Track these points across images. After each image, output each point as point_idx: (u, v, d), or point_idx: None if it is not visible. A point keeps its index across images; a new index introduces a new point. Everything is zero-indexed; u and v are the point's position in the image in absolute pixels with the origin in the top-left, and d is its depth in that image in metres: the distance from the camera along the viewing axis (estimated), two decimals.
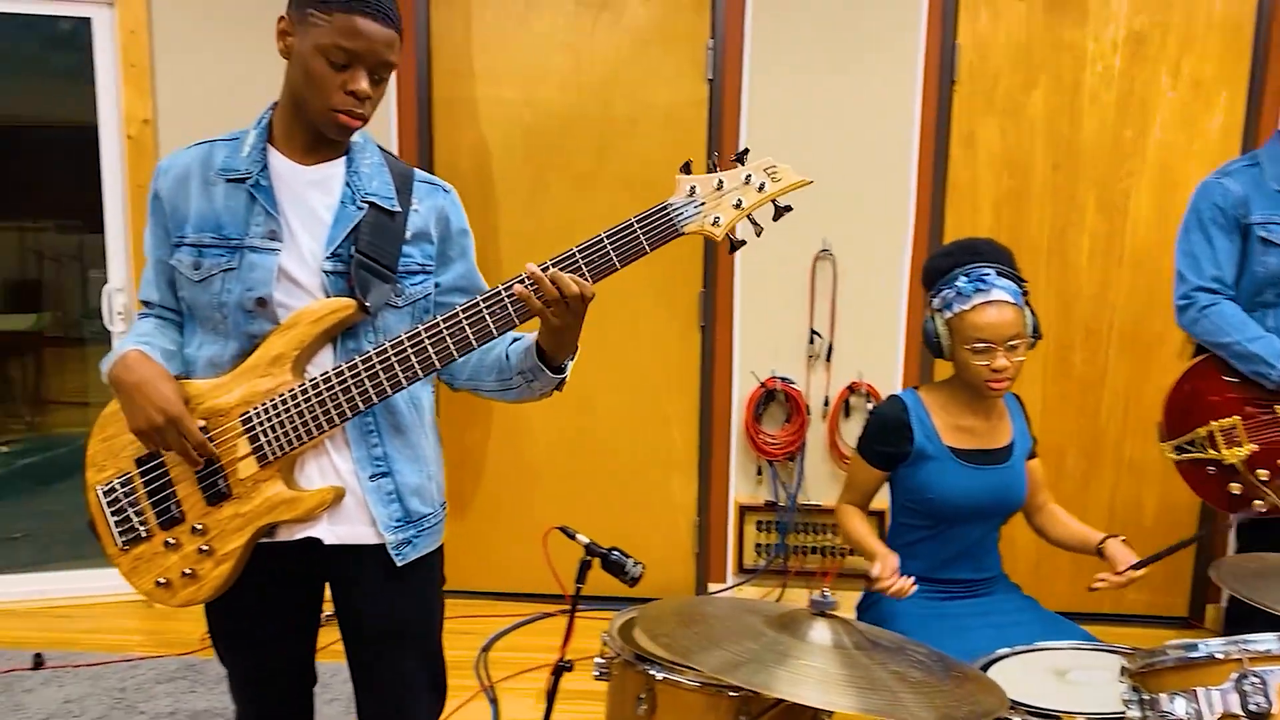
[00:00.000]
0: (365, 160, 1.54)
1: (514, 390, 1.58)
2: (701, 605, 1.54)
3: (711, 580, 3.63)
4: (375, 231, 1.50)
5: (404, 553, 1.55)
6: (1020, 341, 1.99)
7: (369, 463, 1.52)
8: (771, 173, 1.43)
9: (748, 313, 3.47)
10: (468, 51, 3.40)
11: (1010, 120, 3.33)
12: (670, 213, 1.42)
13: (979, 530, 2.10)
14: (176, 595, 1.51)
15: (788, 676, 1.29)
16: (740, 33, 3.33)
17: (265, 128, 1.52)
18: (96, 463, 1.54)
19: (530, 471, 3.62)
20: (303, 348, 1.46)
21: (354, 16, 1.38)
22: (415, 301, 1.56)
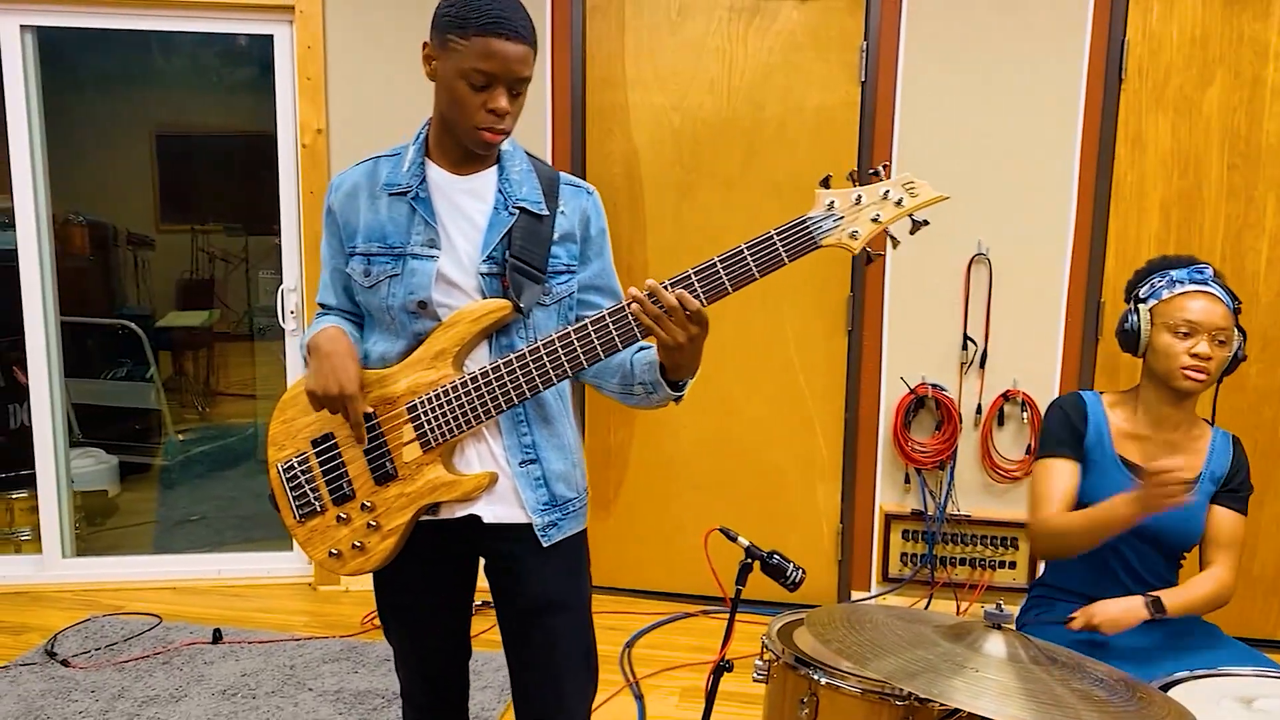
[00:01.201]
0: (515, 167, 1.64)
1: (634, 397, 1.67)
2: (868, 612, 1.53)
3: (855, 588, 3.59)
4: (526, 235, 1.59)
5: (550, 534, 1.66)
6: (1226, 340, 1.92)
7: (519, 450, 1.63)
8: (909, 188, 1.46)
9: (898, 317, 3.41)
10: (620, 59, 3.47)
11: (1182, 118, 3.17)
12: (809, 226, 1.47)
13: (1144, 554, 2.01)
14: (346, 565, 1.65)
15: (965, 687, 1.27)
16: (895, 33, 3.28)
17: (423, 143, 1.63)
18: (277, 442, 1.68)
19: (673, 472, 3.66)
20: (462, 344, 1.57)
21: (489, 39, 1.46)
22: (561, 299, 1.66)
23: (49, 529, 3.73)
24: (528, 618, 1.70)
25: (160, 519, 4.54)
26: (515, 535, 1.64)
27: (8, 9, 3.42)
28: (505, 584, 1.70)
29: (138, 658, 3.11)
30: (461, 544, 1.68)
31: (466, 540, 1.67)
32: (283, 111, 3.54)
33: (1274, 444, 3.25)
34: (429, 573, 1.70)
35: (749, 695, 2.78)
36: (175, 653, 3.15)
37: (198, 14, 3.46)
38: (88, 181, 5.96)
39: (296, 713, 2.79)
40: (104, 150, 6.02)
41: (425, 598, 1.73)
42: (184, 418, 5.81)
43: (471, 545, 1.69)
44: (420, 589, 1.72)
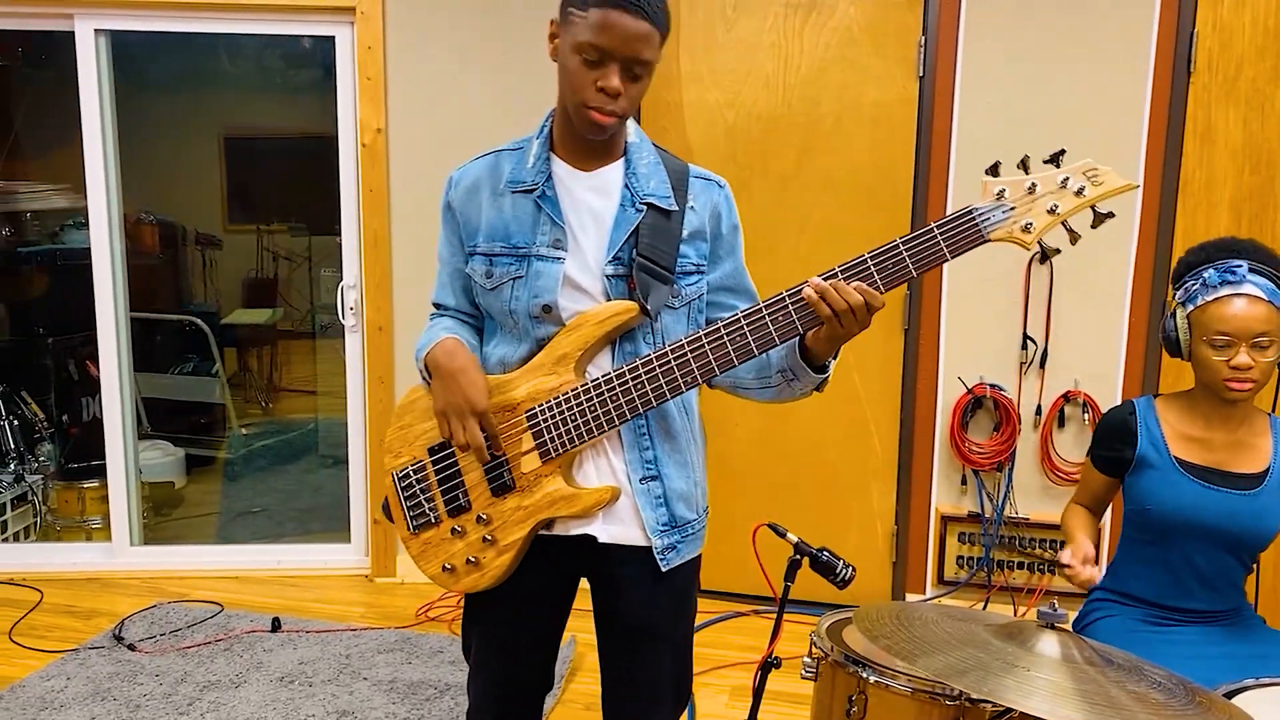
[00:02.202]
0: (643, 160, 1.55)
1: (772, 389, 1.56)
2: (918, 610, 1.51)
3: (909, 590, 3.54)
4: (654, 233, 1.50)
5: (669, 558, 1.57)
6: (1271, 342, 1.84)
7: (640, 465, 1.54)
8: (1092, 176, 1.35)
9: (955, 317, 3.36)
10: (675, 56, 3.47)
11: (1254, 111, 3.08)
12: (976, 218, 1.36)
13: (1213, 557, 1.94)
14: (460, 581, 1.57)
15: (1017, 686, 1.25)
16: (955, 27, 3.23)
17: (547, 135, 1.55)
18: (394, 449, 1.61)
19: (727, 471, 3.64)
20: (585, 348, 1.49)
21: (608, 10, 1.38)
22: (691, 302, 1.57)
23: (118, 518, 3.84)
24: (631, 643, 1.62)
25: (223, 510, 4.66)
26: (630, 557, 1.56)
27: (84, 14, 3.54)
28: (612, 606, 1.62)
29: (200, 644, 3.19)
30: (570, 562, 1.60)
31: (576, 558, 1.59)
32: (343, 111, 3.60)
33: None
34: (527, 590, 1.61)
35: (797, 695, 2.76)
36: (236, 640, 3.23)
37: (262, 16, 3.55)
38: (159, 182, 6.14)
39: (351, 701, 2.83)
40: (175, 152, 6.20)
41: (517, 616, 1.64)
42: (247, 412, 5.95)
43: (580, 564, 1.61)
44: (514, 606, 1.62)
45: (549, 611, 1.67)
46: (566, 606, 1.69)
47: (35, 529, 4.13)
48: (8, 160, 5.10)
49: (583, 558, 1.58)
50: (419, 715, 2.75)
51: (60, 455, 4.43)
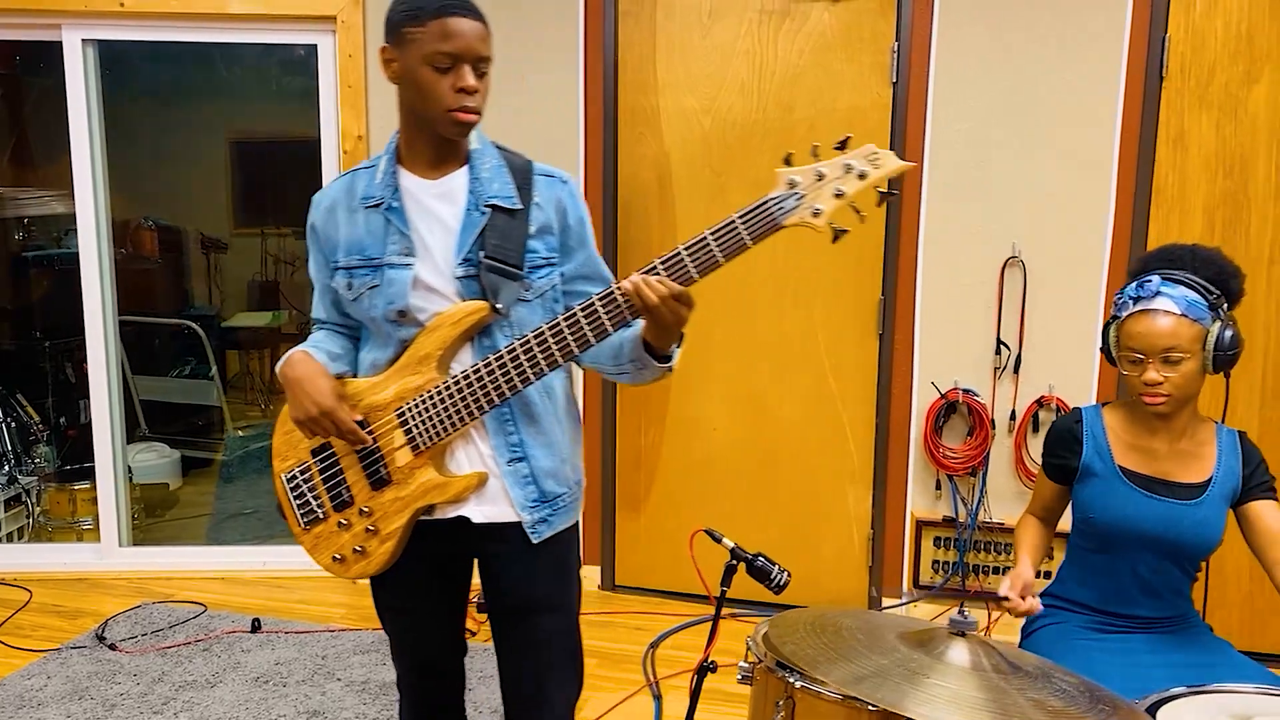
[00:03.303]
0: (485, 164, 1.66)
1: (627, 374, 1.68)
2: (839, 617, 1.53)
3: (885, 595, 3.55)
4: (500, 233, 1.61)
5: (539, 530, 1.69)
6: (1182, 357, 1.84)
7: (506, 449, 1.65)
8: (873, 159, 1.45)
9: (929, 321, 3.37)
10: (652, 62, 3.49)
11: (1227, 116, 3.07)
12: (769, 206, 1.46)
13: (1156, 565, 1.94)
14: (350, 569, 1.70)
15: (916, 695, 1.27)
16: (927, 33, 3.24)
17: (394, 152, 1.67)
18: (280, 453, 1.73)
19: (704, 473, 3.66)
20: (445, 347, 1.60)
21: (446, 19, 1.50)
22: (544, 293, 1.68)
23: (106, 519, 3.91)
24: (515, 616, 1.73)
25: (216, 512, 4.72)
26: (504, 534, 1.68)
27: (71, 24, 3.60)
28: (495, 582, 1.74)
29: (180, 644, 3.24)
30: (454, 544, 1.71)
31: (459, 541, 1.70)
32: (326, 119, 3.65)
33: None
34: (424, 572, 1.74)
35: None
36: (215, 640, 3.28)
37: (245, 26, 3.60)
38: (168, 188, 6.24)
39: (323, 701, 2.87)
40: (184, 158, 6.30)
41: (420, 595, 1.77)
42: (247, 415, 6.02)
43: (464, 545, 1.72)
44: (415, 587, 1.76)
45: (446, 591, 1.79)
46: (464, 583, 1.81)
47: (29, 530, 4.20)
48: (10, 166, 5.19)
49: (463, 539, 1.69)
50: (388, 716, 2.79)
51: (57, 457, 4.51)
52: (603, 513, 3.74)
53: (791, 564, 3.63)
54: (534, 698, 1.75)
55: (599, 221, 3.55)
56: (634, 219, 3.54)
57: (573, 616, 1.79)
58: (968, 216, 3.28)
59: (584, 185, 3.56)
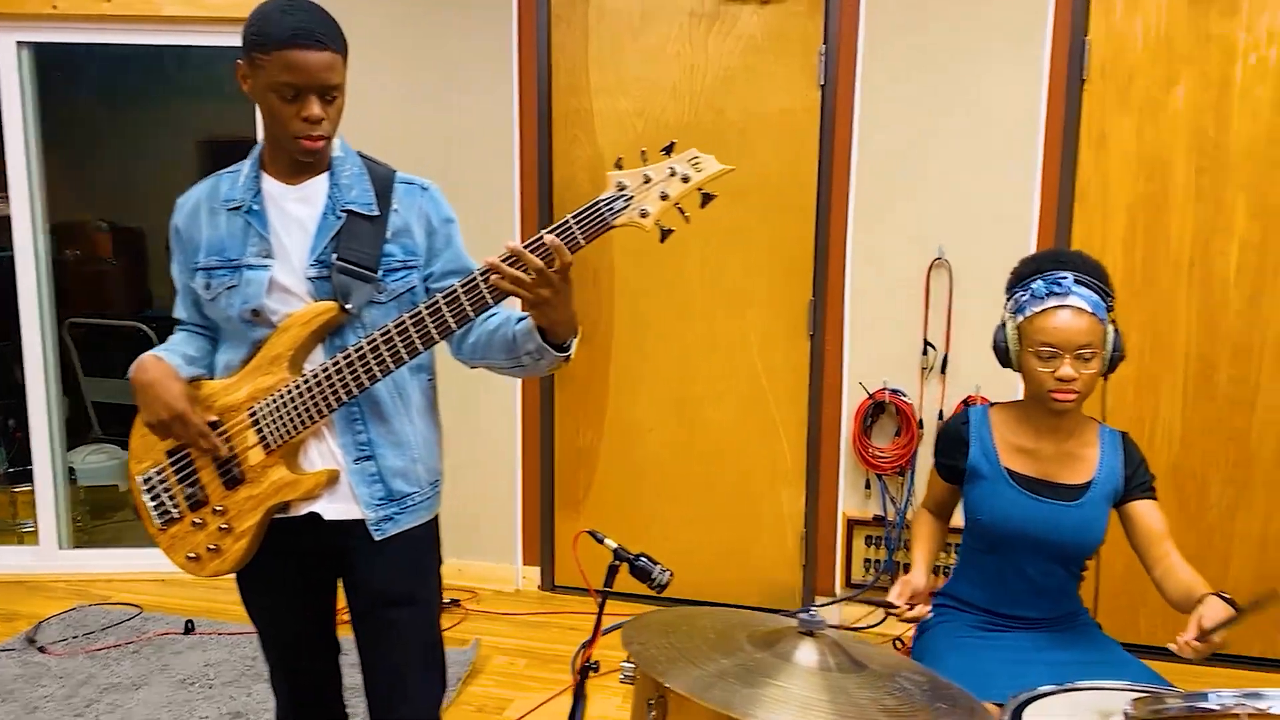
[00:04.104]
0: (345, 172, 1.69)
1: (524, 367, 1.70)
2: (695, 617, 1.55)
3: (819, 593, 3.58)
4: (355, 237, 1.65)
5: (383, 528, 1.71)
6: (1093, 354, 1.87)
7: (354, 447, 1.69)
8: (695, 162, 1.53)
9: (858, 322, 3.39)
10: (584, 65, 3.51)
11: (1148, 119, 3.10)
12: (600, 207, 1.51)
13: (1042, 566, 1.97)
14: (205, 568, 1.72)
15: (751, 696, 1.28)
16: (854, 37, 3.26)
17: (258, 158, 1.70)
18: (136, 455, 1.75)
19: (641, 475, 3.68)
20: (296, 347, 1.64)
21: (290, 52, 1.51)
22: (399, 295, 1.71)
23: (45, 522, 3.90)
24: (367, 611, 1.76)
25: None
26: (353, 531, 1.70)
27: (5, 26, 3.60)
28: (348, 577, 1.77)
29: (109, 646, 3.25)
30: (311, 540, 1.73)
31: (315, 537, 1.72)
32: None
33: (1245, 453, 3.15)
34: (285, 568, 1.76)
35: None
36: (147, 642, 3.28)
37: (181, 28, 3.60)
38: (134, 189, 6.21)
39: (248, 703, 2.88)
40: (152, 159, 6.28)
41: (284, 592, 1.79)
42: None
43: (320, 541, 1.74)
44: (278, 584, 1.78)
45: (310, 588, 1.80)
46: (325, 581, 1.81)
47: None
48: None
49: (317, 535, 1.71)
50: None
51: (6, 459, 4.49)
52: (541, 514, 3.75)
53: (727, 564, 3.68)
54: (391, 692, 1.77)
55: (533, 222, 3.57)
56: None
57: (429, 611, 1.81)
58: (894, 219, 3.30)
59: (519, 188, 3.58)
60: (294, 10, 1.54)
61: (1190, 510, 3.20)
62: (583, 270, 3.46)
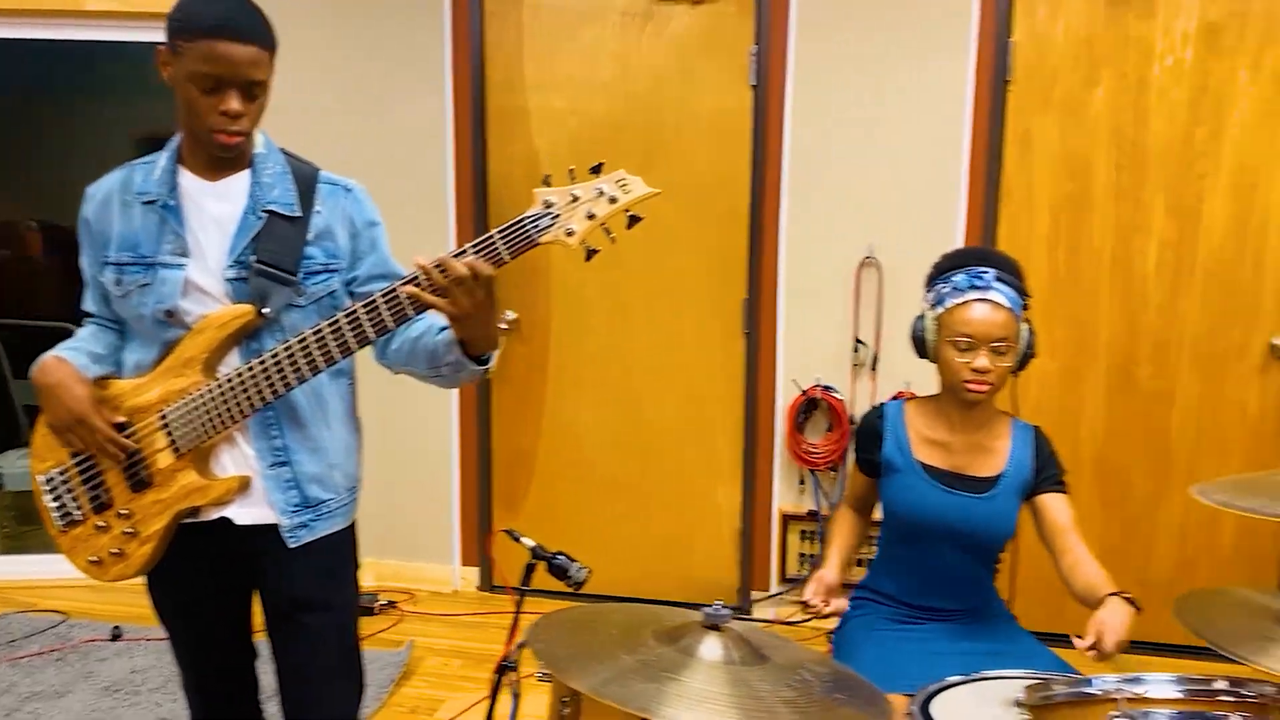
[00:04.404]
0: (268, 170, 1.65)
1: (443, 377, 1.69)
2: (604, 613, 1.56)
3: (755, 588, 3.60)
4: (275, 238, 1.62)
5: (298, 535, 1.69)
6: (1008, 349, 1.91)
7: (269, 453, 1.66)
8: (622, 184, 1.52)
9: (791, 320, 3.42)
10: (519, 63, 3.50)
11: (1070, 119, 3.16)
12: (526, 225, 1.51)
13: (955, 557, 2.01)
14: (108, 572, 1.69)
15: (649, 692, 1.29)
16: (784, 38, 3.29)
17: (175, 150, 1.65)
18: (39, 454, 1.71)
19: (581, 474, 3.68)
20: (210, 350, 1.60)
21: (214, 42, 1.47)
22: (319, 299, 1.67)
23: None
24: (281, 616, 1.74)
25: None
26: (266, 536, 1.67)
27: None
28: (261, 584, 1.74)
29: (33, 654, 3.18)
30: (223, 545, 1.70)
31: (226, 542, 1.68)
32: None
33: (1165, 446, 3.23)
34: (196, 573, 1.73)
35: None
36: (72, 649, 3.21)
37: (104, 23, 3.54)
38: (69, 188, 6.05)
39: (174, 709, 2.84)
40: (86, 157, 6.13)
41: (196, 598, 1.76)
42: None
43: (232, 546, 1.70)
44: (190, 589, 1.74)
45: (219, 591, 1.76)
46: (239, 586, 1.77)
47: None
48: None
49: (230, 540, 1.68)
50: None
51: None
52: (480, 514, 3.74)
53: (666, 561, 3.69)
54: (305, 699, 1.75)
55: (468, 219, 3.55)
56: (506, 217, 3.53)
57: (344, 617, 1.79)
58: (825, 218, 3.34)
59: (454, 184, 3.56)
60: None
61: (1113, 502, 3.28)
62: (521, 270, 3.45)
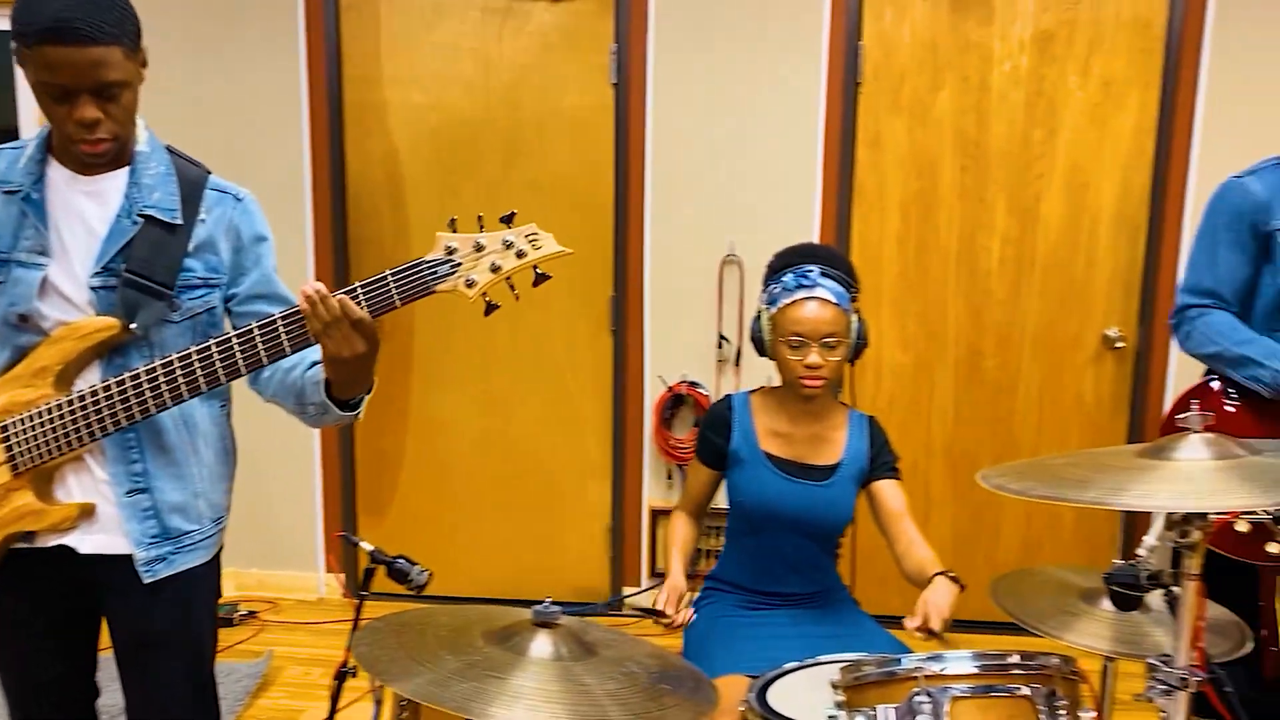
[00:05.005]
0: (150, 170, 1.51)
1: (310, 417, 1.59)
2: (433, 615, 1.54)
3: (626, 584, 3.63)
4: (150, 247, 1.48)
5: (154, 569, 1.55)
6: (838, 342, 1.97)
7: (127, 479, 1.52)
8: (533, 239, 1.44)
9: (657, 318, 3.46)
10: (376, 57, 3.43)
11: (917, 121, 3.28)
12: (423, 270, 1.42)
13: (797, 544, 2.06)
14: None
15: (471, 691, 1.28)
16: (644, 37, 3.32)
17: (45, 138, 1.50)
18: None
19: (449, 475, 3.64)
20: (67, 362, 1.46)
21: (50, 48, 1.32)
22: (196, 316, 1.55)
23: None
24: (130, 653, 1.61)
25: None
26: (117, 567, 1.54)
27: None
28: (110, 619, 1.61)
29: None
30: (62, 575, 1.56)
31: (66, 571, 1.55)
32: (24, 106, 3.41)
33: (1010, 433, 3.39)
34: (33, 604, 1.57)
35: None
36: None
37: None
38: None
39: None
40: None
41: (30, 631, 1.59)
42: None
43: (73, 575, 1.56)
44: (23, 621, 1.58)
45: (57, 625, 1.61)
46: (81, 619, 1.64)
47: None
48: None
49: (70, 569, 1.55)
50: None
51: None
52: (344, 519, 3.65)
53: (537, 560, 3.68)
54: None
55: (326, 220, 3.46)
56: (365, 217, 3.47)
57: (200, 655, 1.66)
58: (688, 216, 3.38)
59: (311, 183, 3.46)
60: None
61: (963, 488, 3.42)
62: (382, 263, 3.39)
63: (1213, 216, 2.19)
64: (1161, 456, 1.15)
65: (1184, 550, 1.12)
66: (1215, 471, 1.09)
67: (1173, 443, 1.17)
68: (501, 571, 3.64)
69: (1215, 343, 2.14)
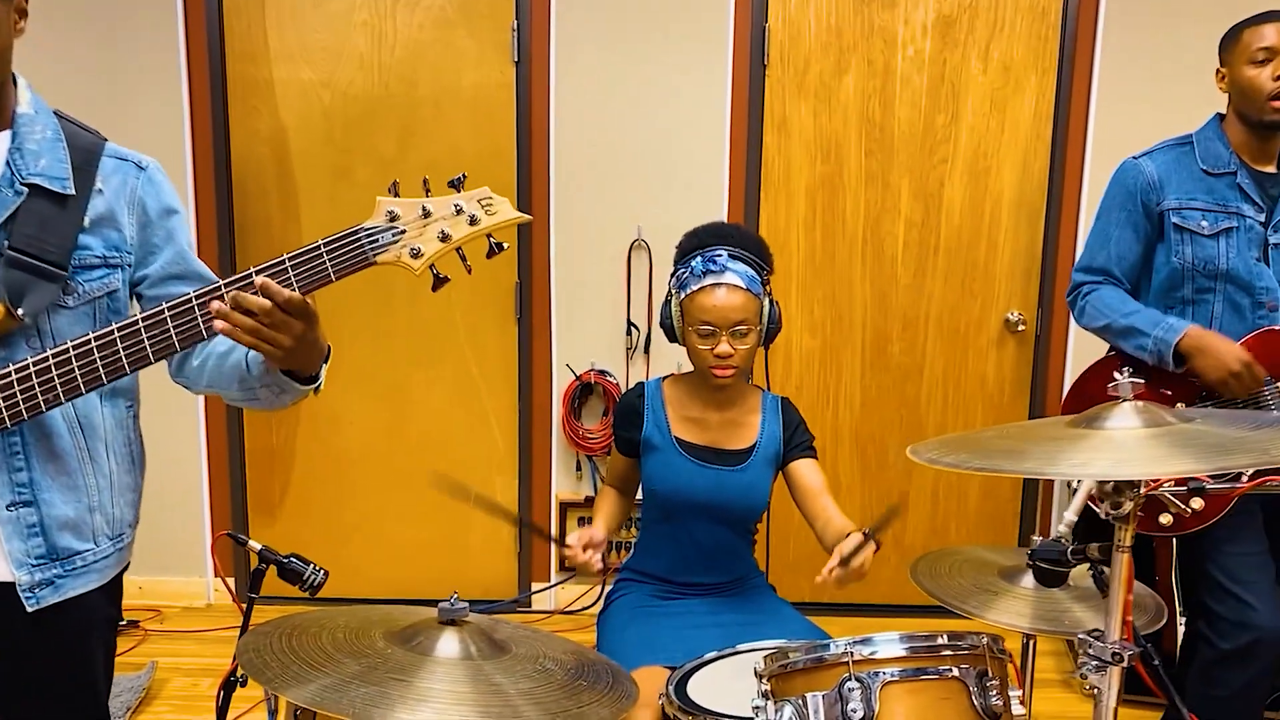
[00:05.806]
0: (35, 134, 1.33)
1: (261, 400, 1.42)
2: (330, 617, 1.42)
3: (535, 579, 3.53)
4: (37, 221, 1.30)
5: (40, 595, 1.36)
6: (749, 329, 1.91)
7: (9, 488, 1.33)
8: (486, 205, 1.29)
9: (564, 305, 3.36)
10: (262, 30, 3.24)
11: (822, 104, 3.27)
12: (361, 238, 1.27)
13: (712, 531, 2.00)
14: None
15: (371, 696, 1.18)
16: (546, 14, 3.21)
17: None
18: None
19: (343, 470, 3.47)
20: None
21: None
22: (94, 300, 1.37)
23: None
24: (13, 696, 1.40)
25: None
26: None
27: None
28: None
29: None
30: None
31: None
32: None
33: (916, 416, 3.41)
34: None
35: None
36: None
37: None
38: None
39: None
40: None
41: None
42: None
43: None
44: None
45: None
46: None
47: None
48: None
49: None
50: None
51: None
52: (233, 520, 3.45)
53: (442, 557, 3.55)
54: None
55: (210, 202, 3.26)
56: (251, 199, 3.27)
57: (94, 700, 1.47)
58: (594, 199, 3.30)
59: (193, 164, 3.25)
60: None
61: (872, 470, 3.43)
62: (267, 243, 3.22)
63: (1109, 197, 2.25)
64: (1094, 426, 1.13)
65: (1116, 521, 1.09)
66: (1147, 439, 1.07)
67: (1103, 412, 1.15)
68: (403, 571, 3.49)
69: (1105, 315, 2.20)
